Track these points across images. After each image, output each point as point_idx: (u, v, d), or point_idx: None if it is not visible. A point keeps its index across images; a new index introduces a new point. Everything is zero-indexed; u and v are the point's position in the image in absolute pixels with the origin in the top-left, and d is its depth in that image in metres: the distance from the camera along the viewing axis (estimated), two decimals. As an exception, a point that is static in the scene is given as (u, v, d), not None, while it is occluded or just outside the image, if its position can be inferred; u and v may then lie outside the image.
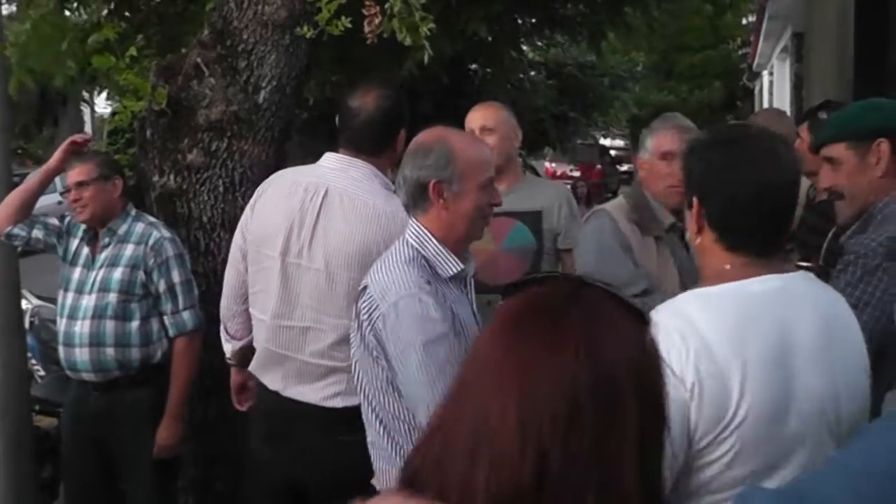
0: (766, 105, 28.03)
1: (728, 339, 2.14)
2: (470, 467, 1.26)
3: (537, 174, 25.53)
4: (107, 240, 4.65)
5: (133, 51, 5.57)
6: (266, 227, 3.86)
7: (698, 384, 2.12)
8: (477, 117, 4.68)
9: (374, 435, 3.11)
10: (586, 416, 1.25)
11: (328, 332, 3.71)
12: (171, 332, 4.68)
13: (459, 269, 3.09)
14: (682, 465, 2.17)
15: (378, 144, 3.78)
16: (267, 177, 5.02)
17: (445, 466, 1.28)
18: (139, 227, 4.69)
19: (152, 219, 4.84)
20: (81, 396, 4.71)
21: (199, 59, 5.11)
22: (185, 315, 4.69)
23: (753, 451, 2.15)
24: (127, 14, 6.65)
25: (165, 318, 4.67)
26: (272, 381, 3.93)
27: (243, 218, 4.06)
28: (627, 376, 1.30)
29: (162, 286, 4.63)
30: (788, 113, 18.34)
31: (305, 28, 4.87)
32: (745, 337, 2.15)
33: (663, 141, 3.87)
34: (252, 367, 4.07)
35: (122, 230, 4.66)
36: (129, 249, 4.62)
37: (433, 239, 3.06)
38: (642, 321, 1.38)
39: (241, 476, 5.17)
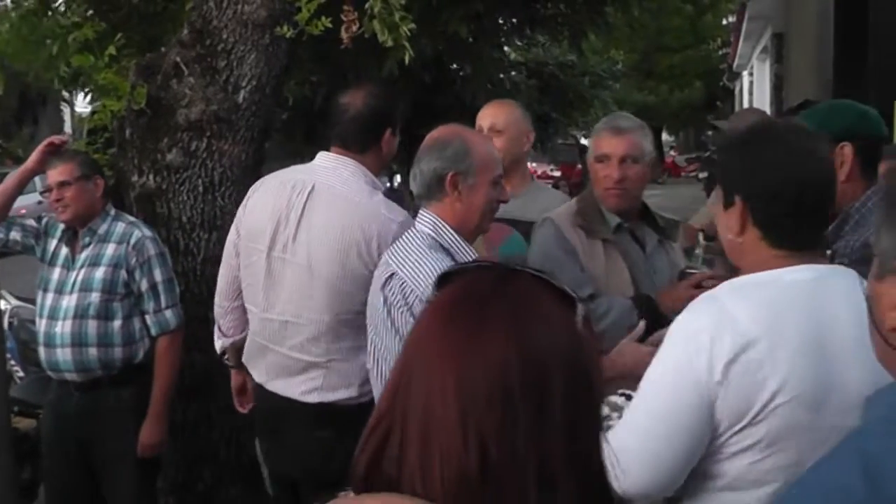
0: (746, 105, 28.15)
1: (763, 327, 2.15)
2: (426, 459, 1.27)
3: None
4: (87, 239, 4.62)
5: (112, 50, 5.55)
6: (256, 222, 3.90)
7: (730, 370, 2.13)
8: (487, 116, 4.56)
9: None
10: (517, 406, 1.27)
11: (306, 327, 3.75)
12: (153, 331, 4.65)
13: (474, 256, 3.17)
14: (711, 452, 2.20)
15: (364, 141, 3.80)
16: (246, 176, 5.06)
17: (406, 458, 1.29)
18: (120, 226, 4.67)
19: (132, 218, 4.82)
20: (63, 397, 4.67)
21: (178, 59, 5.10)
22: (168, 314, 4.67)
23: (789, 438, 2.14)
24: (109, 13, 6.62)
25: (147, 317, 4.65)
26: (258, 373, 3.99)
27: (237, 214, 4.09)
28: (556, 363, 1.31)
29: (144, 285, 4.61)
30: (768, 113, 18.42)
31: (285, 28, 4.87)
32: (780, 324, 2.15)
33: (599, 143, 3.82)
34: (243, 358, 4.11)
35: (102, 230, 4.63)
36: (110, 249, 4.60)
37: (448, 227, 3.17)
38: (572, 305, 1.38)
39: (222, 476, 5.19)
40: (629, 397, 2.45)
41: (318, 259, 3.69)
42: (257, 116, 5.12)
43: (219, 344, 4.28)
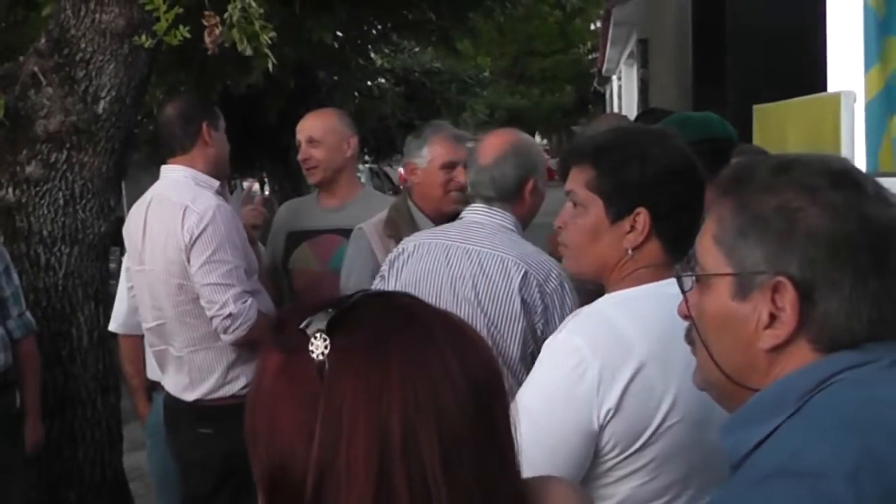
0: (616, 109, 28.63)
1: (654, 346, 2.07)
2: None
3: (392, 182, 25.37)
4: (-50, 251, 4.50)
5: (-30, 65, 5.39)
6: (128, 246, 4.17)
7: (624, 397, 2.04)
8: (304, 128, 4.54)
9: None
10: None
11: (167, 325, 3.99)
12: (18, 334, 4.54)
13: None
14: (598, 475, 2.12)
15: (182, 140, 4.04)
16: (108, 188, 5.00)
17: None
18: None
19: None
20: None
21: (36, 69, 4.98)
22: (28, 315, 4.63)
23: (677, 457, 2.09)
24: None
25: (10, 321, 4.53)
26: (165, 381, 4.22)
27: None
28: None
29: (8, 291, 4.53)
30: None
31: (144, 37, 4.78)
32: (668, 341, 2.03)
33: (445, 150, 4.00)
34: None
35: None
36: None
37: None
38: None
39: (87, 497, 5.08)
40: None
41: (156, 260, 3.92)
42: (118, 127, 5.03)
43: None
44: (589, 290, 2.71)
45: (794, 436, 1.36)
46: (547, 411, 2.09)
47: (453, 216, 3.97)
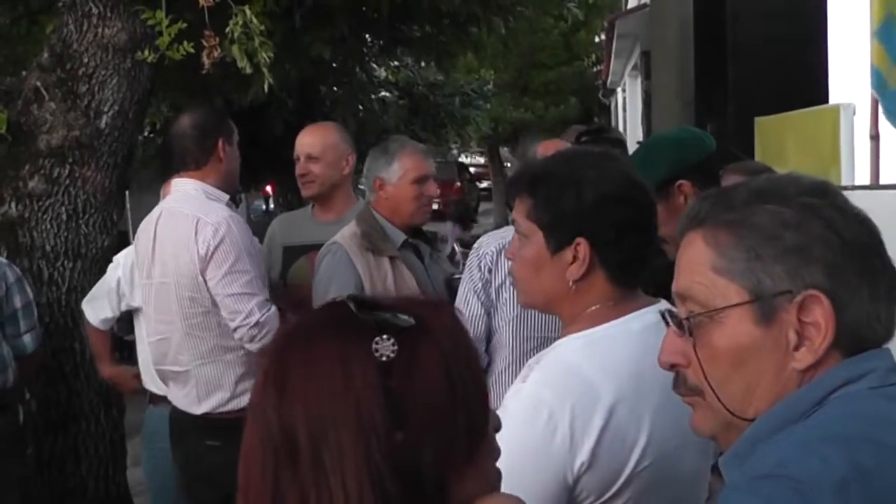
0: (621, 121, 28.69)
1: (625, 389, 1.98)
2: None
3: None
4: (-49, 271, 4.48)
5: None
6: (137, 259, 4.17)
7: (598, 448, 1.97)
8: (303, 144, 4.52)
9: None
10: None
11: (172, 339, 3.96)
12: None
13: None
14: None
15: (197, 156, 3.99)
16: (110, 203, 5.00)
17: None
18: None
19: None
20: None
21: (38, 83, 5.00)
22: (26, 339, 4.54)
23: (652, 493, 2.03)
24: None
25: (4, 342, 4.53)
26: (169, 394, 4.18)
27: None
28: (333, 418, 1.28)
29: (7, 312, 4.51)
30: (640, 129, 18.80)
31: (147, 52, 4.80)
32: (640, 383, 1.98)
33: (415, 165, 4.01)
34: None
35: None
36: None
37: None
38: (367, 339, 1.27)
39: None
40: None
41: (167, 272, 3.90)
42: (120, 142, 5.06)
43: None
44: None
45: (782, 447, 1.33)
46: (519, 470, 1.90)
47: (415, 228, 4.12)
